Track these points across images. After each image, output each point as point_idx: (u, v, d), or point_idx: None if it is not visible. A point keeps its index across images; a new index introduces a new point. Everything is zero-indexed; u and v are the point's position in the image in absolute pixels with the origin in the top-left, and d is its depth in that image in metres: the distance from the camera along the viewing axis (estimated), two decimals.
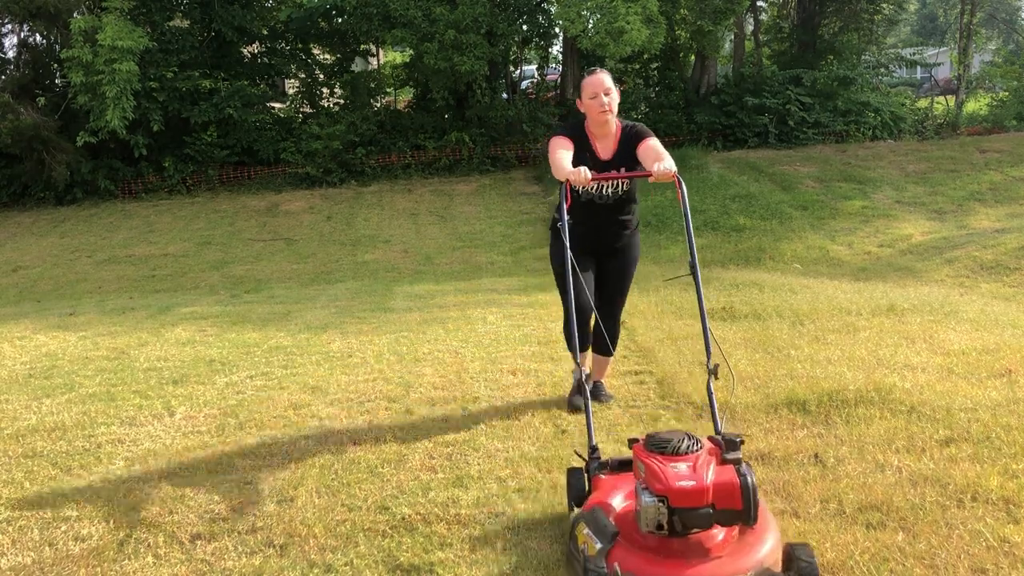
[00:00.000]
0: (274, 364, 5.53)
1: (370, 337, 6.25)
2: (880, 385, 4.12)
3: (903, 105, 21.23)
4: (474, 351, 5.52)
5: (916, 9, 45.83)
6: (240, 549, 2.88)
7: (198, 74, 18.03)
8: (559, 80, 21.62)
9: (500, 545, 2.81)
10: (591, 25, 15.92)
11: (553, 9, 19.41)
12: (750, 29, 22.63)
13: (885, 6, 22.89)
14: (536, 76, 23.51)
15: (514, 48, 20.88)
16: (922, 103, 23.91)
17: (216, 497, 3.31)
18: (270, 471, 3.58)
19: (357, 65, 21.69)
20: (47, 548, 2.97)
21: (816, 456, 3.37)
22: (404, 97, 23.08)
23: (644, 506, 2.38)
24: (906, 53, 27.45)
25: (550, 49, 22.53)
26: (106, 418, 4.44)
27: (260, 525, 3.04)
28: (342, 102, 20.46)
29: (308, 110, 20.63)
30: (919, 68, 30.38)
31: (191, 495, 3.35)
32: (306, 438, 3.98)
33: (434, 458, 3.61)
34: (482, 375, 4.91)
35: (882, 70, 23.41)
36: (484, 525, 2.95)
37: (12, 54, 19.81)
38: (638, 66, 21.70)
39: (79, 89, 16.24)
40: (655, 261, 11.46)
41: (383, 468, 3.53)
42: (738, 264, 11.17)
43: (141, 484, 3.50)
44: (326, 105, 20.62)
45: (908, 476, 3.14)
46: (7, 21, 19.30)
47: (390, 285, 9.79)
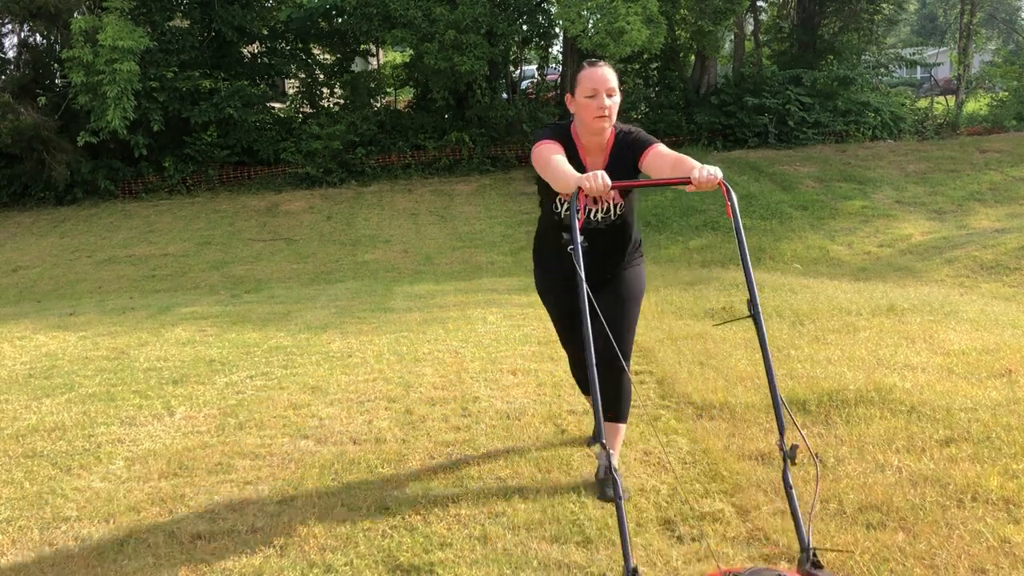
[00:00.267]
0: (274, 364, 5.53)
1: (370, 337, 6.25)
2: (880, 385, 4.12)
3: (903, 105, 21.23)
4: (474, 351, 5.52)
5: (916, 9, 45.83)
6: (240, 549, 2.88)
7: (198, 74, 18.04)
8: (559, 80, 21.62)
9: (500, 545, 2.81)
10: (591, 25, 15.92)
11: (553, 9, 19.41)
12: (750, 29, 22.63)
13: (885, 6, 22.89)
14: (536, 76, 23.53)
15: (514, 48, 20.88)
16: (922, 103, 23.91)
17: (216, 497, 3.31)
18: (270, 471, 3.58)
19: (357, 65, 21.68)
20: (47, 548, 2.97)
21: (816, 456, 3.37)
22: (404, 97, 23.08)
23: None
24: (906, 53, 27.45)
25: (550, 49, 22.54)
26: (106, 418, 4.44)
27: (260, 525, 3.04)
28: (342, 102, 20.46)
29: (308, 110, 20.62)
30: (919, 68, 30.38)
31: (191, 495, 3.35)
32: (306, 438, 3.98)
33: (434, 458, 3.61)
34: (482, 375, 4.91)
35: (882, 70, 23.41)
36: (484, 525, 2.95)
37: (12, 54, 19.82)
38: (638, 66, 21.69)
39: (80, 89, 16.24)
40: (655, 261, 11.47)
41: (383, 468, 3.53)
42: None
43: (141, 484, 3.51)
44: (326, 105, 20.62)
45: (908, 476, 3.13)
46: (7, 21, 19.30)
47: (390, 285, 9.79)
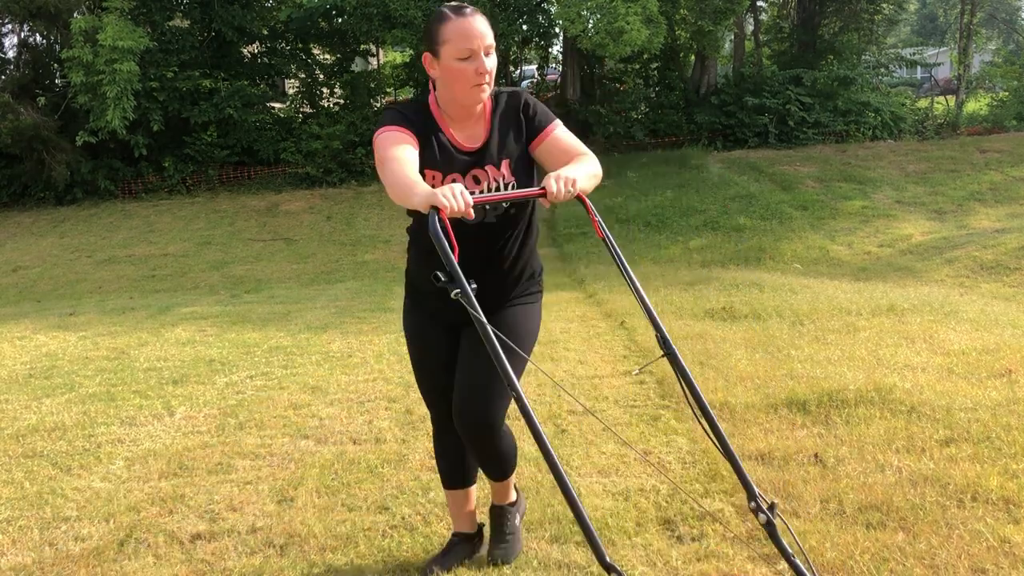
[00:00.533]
0: (274, 364, 5.53)
1: (370, 337, 6.25)
2: (880, 385, 4.12)
3: (903, 105, 21.24)
4: None
5: (916, 9, 45.83)
6: (240, 549, 2.87)
7: (198, 74, 18.04)
8: (559, 80, 21.62)
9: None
10: (591, 25, 15.92)
11: (553, 9, 19.40)
12: (750, 29, 22.63)
13: (885, 6, 22.89)
14: (536, 76, 23.53)
15: (514, 48, 20.88)
16: (922, 103, 23.92)
17: (216, 497, 3.31)
18: (270, 471, 3.58)
19: (357, 65, 21.69)
20: (47, 548, 2.96)
21: (816, 456, 3.37)
22: (404, 97, 23.08)
23: None
24: (906, 53, 27.46)
25: (550, 49, 22.55)
26: (106, 418, 4.44)
27: (260, 525, 3.04)
28: (342, 102, 20.46)
29: (308, 110, 20.62)
30: (919, 68, 30.39)
31: (191, 495, 3.35)
32: (306, 438, 3.98)
33: (434, 458, 3.61)
34: None
35: (882, 70, 23.42)
36: (484, 525, 2.95)
37: (12, 54, 19.83)
38: (638, 66, 21.69)
39: (80, 89, 16.25)
40: (655, 262, 11.47)
41: (383, 468, 3.53)
42: (738, 264, 11.18)
43: (141, 484, 3.51)
44: (326, 105, 20.62)
45: (908, 476, 3.13)
46: (7, 21, 19.30)
47: (390, 285, 9.79)
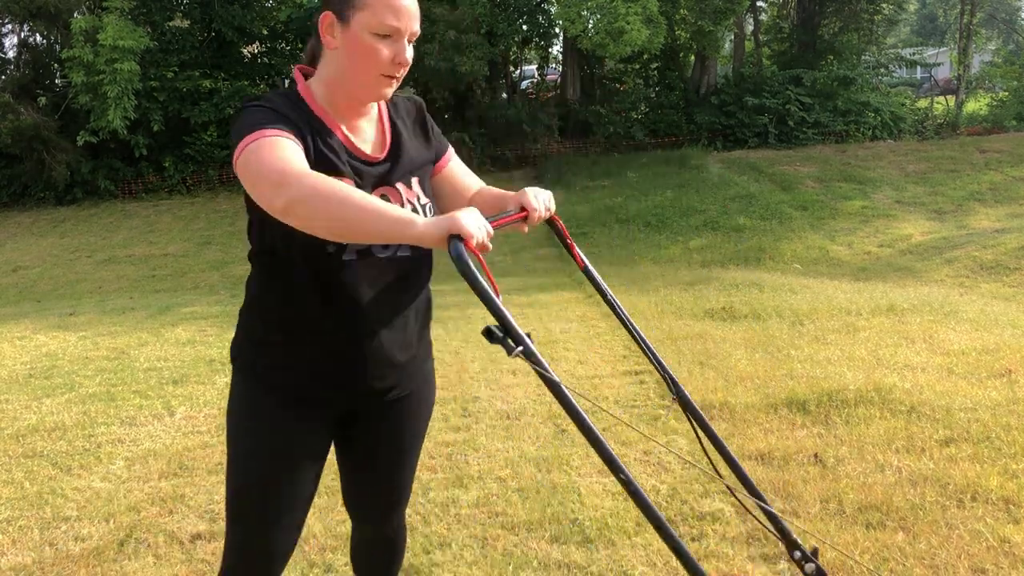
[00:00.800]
0: None
1: None
2: (880, 385, 4.12)
3: (903, 105, 21.24)
4: (474, 351, 5.52)
5: (916, 9, 45.83)
6: None
7: (198, 74, 18.05)
8: (559, 80, 21.62)
9: (500, 545, 2.81)
10: (591, 25, 15.94)
11: (553, 9, 19.41)
12: (750, 29, 22.64)
13: (885, 6, 22.90)
14: (536, 76, 23.53)
15: (514, 48, 20.89)
16: (922, 103, 23.94)
17: (216, 497, 3.31)
18: None
19: None
20: (47, 548, 2.96)
21: (816, 456, 3.37)
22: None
23: None
24: (906, 53, 27.46)
25: (550, 49, 22.55)
26: (106, 418, 4.44)
27: None
28: None
29: None
30: (919, 68, 30.39)
31: (191, 495, 3.35)
32: None
33: (434, 458, 3.61)
34: (482, 375, 4.91)
35: (882, 70, 23.42)
36: (484, 525, 2.94)
37: (12, 54, 19.84)
38: (638, 66, 21.70)
39: (80, 89, 16.26)
40: (655, 262, 11.47)
41: None
42: (738, 264, 11.18)
43: (141, 484, 3.51)
44: None
45: (908, 476, 3.13)
46: (7, 21, 19.31)
47: None
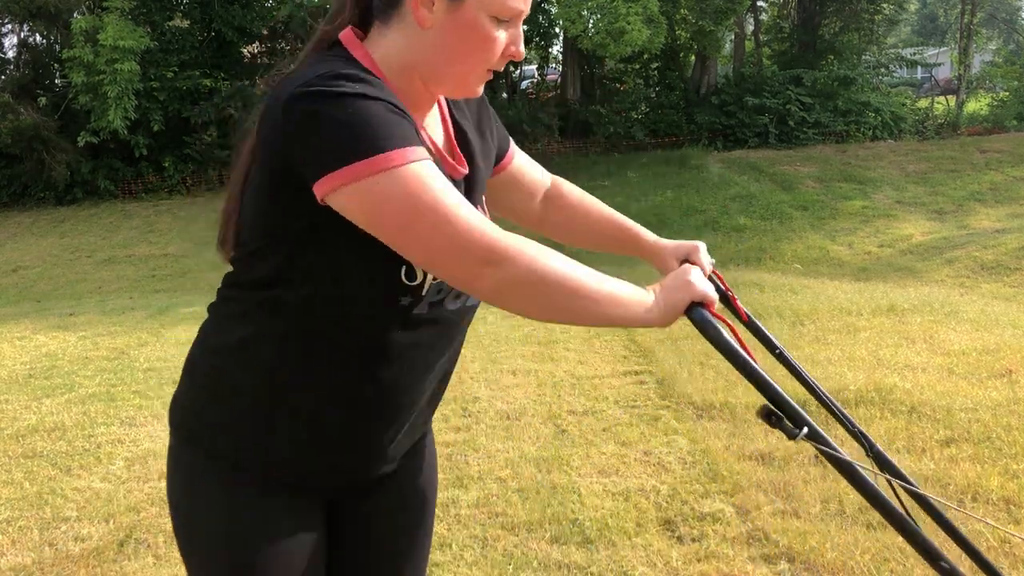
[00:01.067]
0: None
1: None
2: (880, 385, 4.12)
3: (903, 105, 21.23)
4: (474, 351, 5.52)
5: (916, 9, 45.83)
6: None
7: (198, 74, 18.04)
8: (559, 80, 21.61)
9: (500, 546, 2.81)
10: (591, 25, 15.93)
11: (553, 9, 19.40)
12: (750, 29, 22.63)
13: (885, 6, 22.89)
14: (536, 76, 23.51)
15: None
16: (922, 103, 23.92)
17: None
18: None
19: None
20: (47, 548, 2.96)
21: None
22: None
23: None
24: (906, 53, 27.44)
25: (550, 49, 22.53)
26: (106, 418, 4.44)
27: None
28: None
29: None
30: (919, 68, 30.38)
31: None
32: None
33: None
34: (482, 375, 4.91)
35: (882, 70, 23.41)
36: (484, 525, 2.94)
37: (12, 54, 19.83)
38: (638, 66, 21.69)
39: (80, 89, 16.25)
40: None
41: None
42: (738, 264, 11.17)
43: (141, 484, 3.50)
44: None
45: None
46: (7, 21, 19.31)
47: None
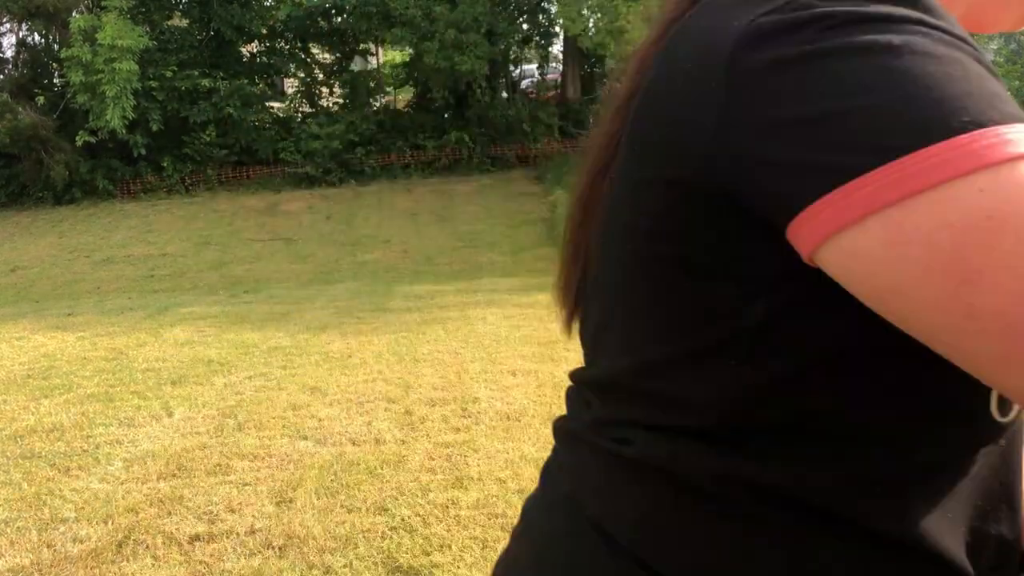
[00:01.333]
0: (273, 364, 5.51)
1: (369, 337, 6.23)
2: None
3: None
4: (474, 351, 5.51)
5: None
6: (239, 550, 2.86)
7: (197, 73, 18.03)
8: (559, 80, 21.60)
9: (500, 547, 2.79)
10: (591, 24, 15.93)
11: (553, 8, 19.40)
12: None
13: None
14: (536, 76, 23.51)
15: (514, 48, 20.87)
16: None
17: (215, 498, 3.29)
18: (269, 472, 3.56)
19: (356, 64, 21.67)
20: (45, 549, 2.95)
21: None
22: (404, 97, 23.08)
23: None
24: None
25: (550, 49, 22.53)
26: (104, 419, 4.43)
27: (259, 527, 3.03)
28: (341, 102, 20.46)
29: (307, 109, 20.61)
30: None
31: (189, 496, 3.33)
32: (305, 439, 3.96)
33: (434, 459, 3.60)
34: (482, 375, 4.90)
35: None
36: (484, 527, 2.93)
37: (10, 53, 19.81)
38: None
39: (79, 88, 16.24)
40: None
41: (382, 469, 3.52)
42: None
43: (139, 485, 3.49)
44: (325, 105, 20.61)
45: None
46: (5, 20, 19.28)
47: (390, 285, 9.78)
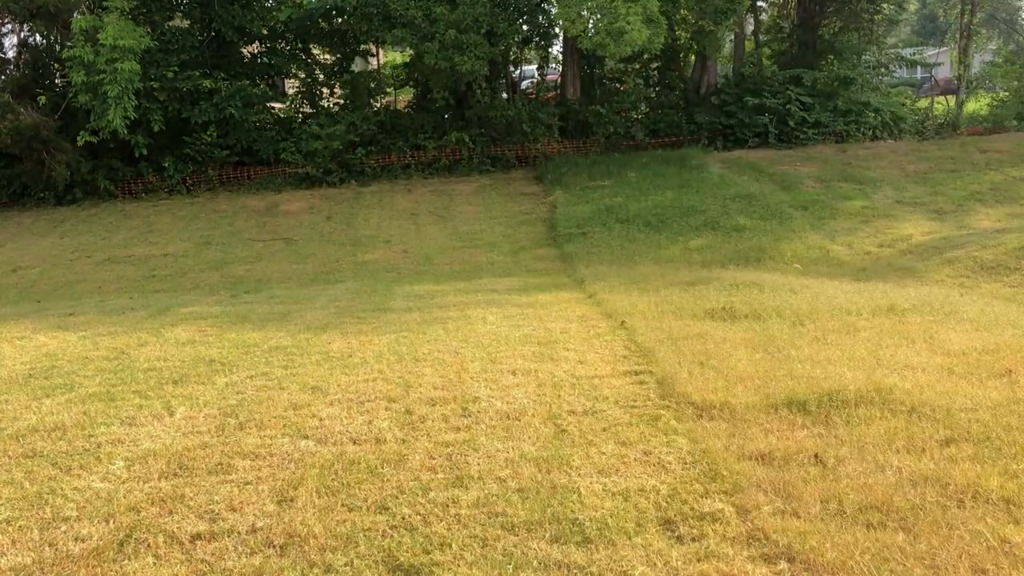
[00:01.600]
0: (274, 364, 5.52)
1: (370, 337, 6.24)
2: (880, 385, 4.12)
3: (903, 105, 21.24)
4: (474, 351, 5.52)
5: (916, 9, 45.78)
6: (240, 549, 2.87)
7: (198, 74, 18.04)
8: (559, 80, 21.60)
9: (500, 546, 2.81)
10: (591, 25, 15.93)
11: (553, 9, 19.40)
12: (750, 29, 22.62)
13: (885, 6, 22.88)
14: (536, 76, 23.51)
15: (514, 48, 20.87)
16: (922, 103, 23.92)
17: (216, 497, 3.30)
18: (270, 471, 3.57)
19: (357, 65, 21.69)
20: (47, 548, 2.96)
21: (816, 456, 3.37)
22: (404, 97, 23.08)
23: None
24: (906, 53, 27.47)
25: (550, 49, 22.52)
26: (106, 418, 4.44)
27: (260, 525, 3.04)
28: (342, 102, 20.47)
29: (308, 110, 20.63)
30: (919, 68, 30.37)
31: (191, 495, 3.34)
32: (306, 438, 3.97)
33: (434, 458, 3.61)
34: (482, 375, 4.91)
35: (882, 70, 23.41)
36: (484, 525, 2.94)
37: (12, 54, 19.82)
38: (638, 66, 21.69)
39: (80, 89, 16.25)
40: (655, 261, 11.47)
41: (383, 468, 3.53)
42: (738, 264, 11.17)
43: (141, 484, 3.50)
44: (326, 105, 20.63)
45: (908, 476, 3.13)
46: (7, 21, 19.30)
47: (390, 285, 9.79)
